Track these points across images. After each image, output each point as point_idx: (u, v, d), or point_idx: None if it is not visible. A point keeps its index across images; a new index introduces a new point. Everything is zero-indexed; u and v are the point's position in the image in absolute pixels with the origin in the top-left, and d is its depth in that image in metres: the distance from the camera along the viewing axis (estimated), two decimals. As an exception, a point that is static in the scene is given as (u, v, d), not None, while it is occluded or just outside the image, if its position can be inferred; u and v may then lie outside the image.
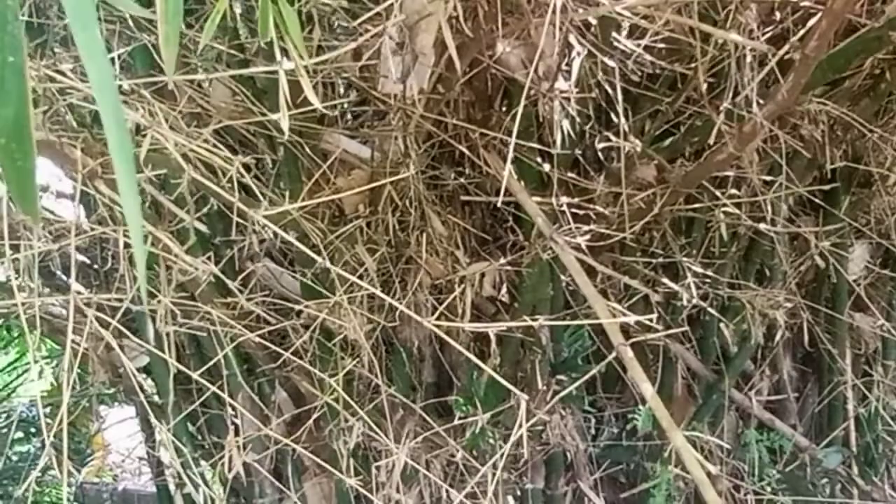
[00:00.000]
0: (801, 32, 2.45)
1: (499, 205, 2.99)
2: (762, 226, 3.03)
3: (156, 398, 3.13)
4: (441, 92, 2.61)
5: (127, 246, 2.41)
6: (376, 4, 2.20)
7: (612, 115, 2.73)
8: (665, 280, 3.06)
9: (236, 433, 2.94)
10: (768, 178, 2.97)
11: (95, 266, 3.27)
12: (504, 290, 3.11)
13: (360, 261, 2.82)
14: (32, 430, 4.92)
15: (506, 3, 2.33)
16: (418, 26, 2.38)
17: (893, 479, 3.69)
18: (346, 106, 3.01)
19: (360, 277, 2.80)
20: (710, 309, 3.18)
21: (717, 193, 2.95)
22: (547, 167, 2.79)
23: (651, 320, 2.21)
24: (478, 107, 2.85)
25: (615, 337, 2.23)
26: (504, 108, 2.87)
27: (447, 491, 2.94)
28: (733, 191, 2.98)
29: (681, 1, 2.31)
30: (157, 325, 2.69)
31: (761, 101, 2.39)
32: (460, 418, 2.99)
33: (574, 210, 2.76)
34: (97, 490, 5.54)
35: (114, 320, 2.34)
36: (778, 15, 2.63)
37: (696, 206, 3.03)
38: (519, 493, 3.22)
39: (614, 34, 2.60)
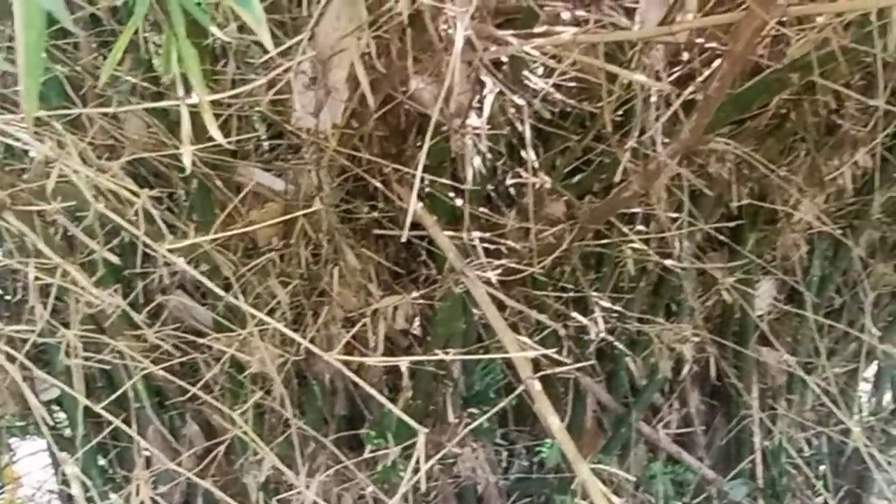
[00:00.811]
0: (707, 74, 2.51)
1: (412, 239, 3.02)
2: (669, 262, 3.09)
3: (68, 431, 3.10)
4: (355, 126, 2.63)
5: (37, 278, 2.40)
6: (290, 38, 2.23)
7: (523, 152, 2.77)
8: (575, 314, 3.10)
9: (147, 466, 2.92)
10: (676, 214, 3.03)
11: (7, 297, 3.23)
12: (417, 323, 3.13)
13: (273, 293, 2.82)
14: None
15: (418, 40, 2.36)
16: (331, 61, 2.40)
17: (798, 512, 3.77)
18: (260, 139, 3.01)
19: (273, 310, 2.80)
20: (618, 343, 3.23)
21: (625, 230, 3.00)
22: (459, 202, 2.82)
23: (560, 354, 2.25)
24: (392, 141, 2.88)
25: (524, 370, 2.26)
26: (418, 144, 2.90)
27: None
28: (642, 227, 3.03)
29: (588, 41, 2.36)
30: (65, 357, 2.67)
31: (666, 140, 2.44)
32: (372, 451, 3.00)
33: (485, 244, 2.79)
34: (6, 524, 5.43)
35: (21, 353, 2.32)
36: (685, 56, 2.69)
37: (606, 241, 3.07)
38: (431, 526, 3.23)
39: (525, 73, 2.65)
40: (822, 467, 3.91)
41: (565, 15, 2.53)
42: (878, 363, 4.10)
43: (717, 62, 2.31)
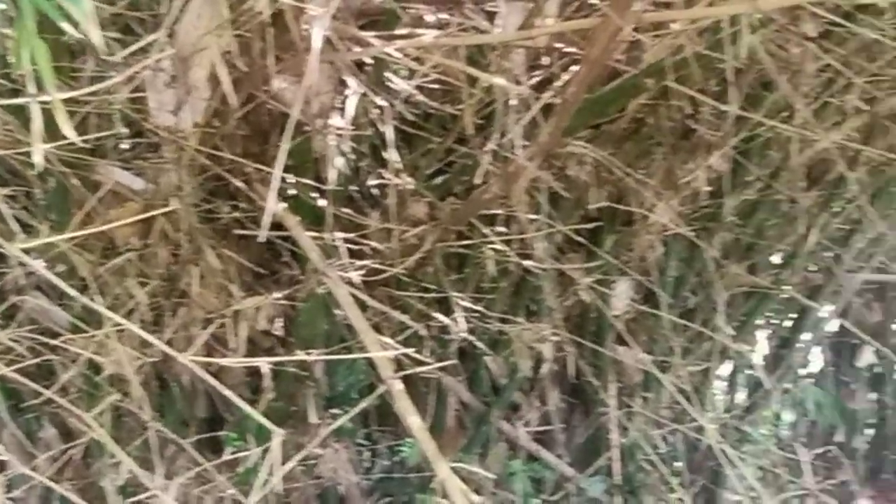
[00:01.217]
0: (565, 78, 2.56)
1: (274, 239, 3.00)
2: (530, 263, 3.13)
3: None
4: (216, 125, 2.61)
5: None
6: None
7: (386, 153, 2.78)
8: (437, 314, 3.13)
9: (1, 470, 2.85)
10: (536, 216, 3.07)
11: None
12: (280, 324, 3.12)
13: (132, 294, 2.78)
14: None
15: (280, 39, 2.36)
16: (192, 59, 2.39)
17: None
18: (119, 137, 2.97)
19: (132, 311, 2.77)
20: (480, 343, 3.26)
21: (486, 231, 3.04)
22: (322, 202, 2.82)
23: (423, 354, 2.26)
24: (254, 141, 2.86)
25: (385, 370, 2.27)
26: (280, 143, 2.88)
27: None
28: (503, 228, 3.07)
29: (450, 44, 2.38)
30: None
31: (526, 143, 2.48)
32: (233, 453, 2.98)
33: (348, 245, 2.79)
34: None
35: None
36: (545, 60, 2.74)
37: (467, 242, 3.10)
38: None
39: (388, 74, 2.67)
40: (677, 463, 4.00)
41: (428, 17, 2.56)
42: (732, 362, 4.22)
43: (575, 67, 2.36)
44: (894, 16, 2.82)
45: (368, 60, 2.61)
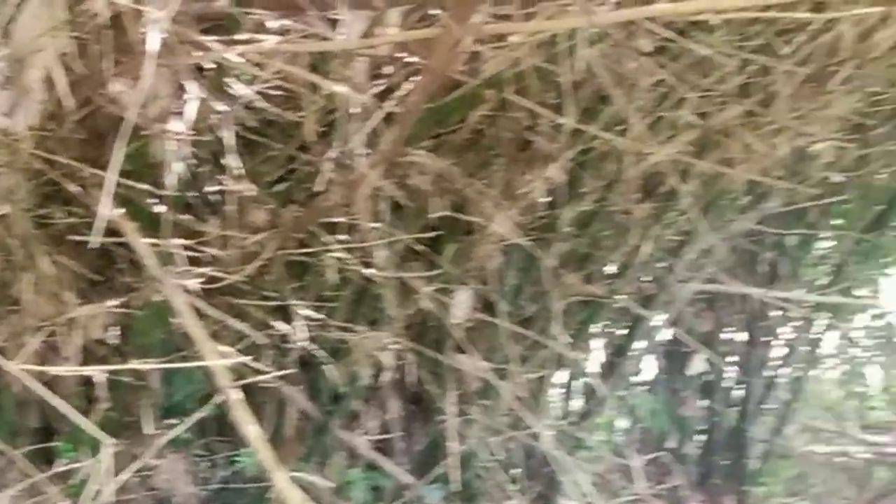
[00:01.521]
0: (407, 87, 2.58)
1: (111, 246, 2.94)
2: (371, 271, 3.14)
3: None
4: (51, 128, 2.55)
5: None
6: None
7: (226, 159, 2.76)
8: (277, 323, 3.11)
9: None
10: (378, 225, 3.08)
11: None
12: (116, 332, 3.06)
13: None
14: None
15: (119, 42, 2.32)
16: (27, 60, 2.33)
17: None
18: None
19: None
20: (320, 351, 3.25)
21: (328, 239, 3.03)
22: (160, 208, 2.77)
23: (260, 362, 2.25)
24: (91, 145, 2.80)
25: (223, 380, 2.25)
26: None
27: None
28: (345, 237, 3.07)
29: (292, 50, 2.38)
30: None
31: (368, 152, 2.50)
32: (65, 465, 2.91)
33: (187, 252, 2.76)
34: None
35: None
36: (388, 69, 2.76)
37: (309, 250, 3.09)
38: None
39: (229, 79, 2.64)
40: (514, 470, 4.06)
41: (270, 23, 2.55)
42: (568, 370, 4.30)
43: (417, 77, 2.39)
44: (726, 33, 2.93)
45: (209, 65, 2.58)
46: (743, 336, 5.15)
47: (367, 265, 3.14)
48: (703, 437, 5.19)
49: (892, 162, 4.91)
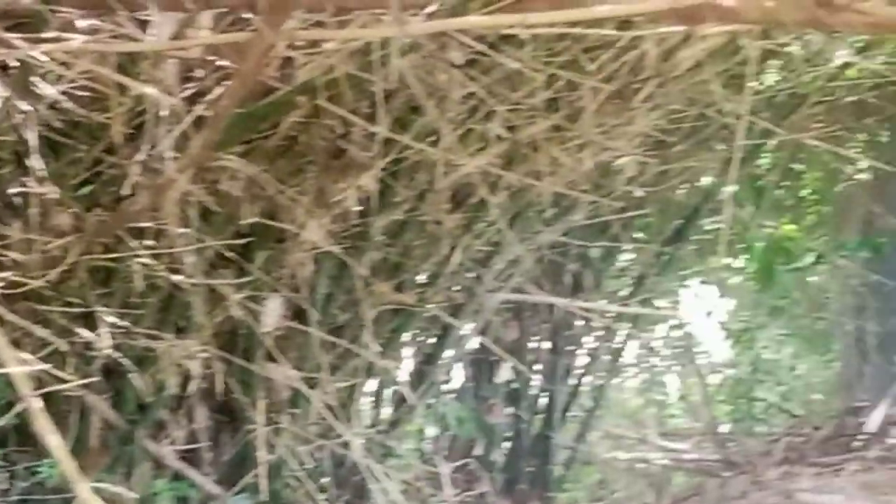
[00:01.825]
0: (218, 92, 2.56)
1: None
2: (179, 278, 3.09)
3: None
4: None
5: None
6: None
7: (29, 161, 2.68)
8: (81, 330, 3.03)
9: None
10: (187, 230, 3.04)
11: None
12: None
13: None
14: None
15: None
16: None
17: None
18: None
19: None
20: (126, 359, 3.18)
21: (135, 244, 2.97)
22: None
23: (64, 370, 2.19)
24: None
25: (24, 388, 2.18)
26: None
27: None
28: (152, 242, 3.02)
29: (100, 50, 2.33)
30: None
31: (177, 155, 2.46)
32: None
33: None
34: None
35: None
36: (199, 72, 2.73)
37: (115, 255, 3.03)
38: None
39: (35, 78, 2.57)
40: (324, 479, 4.05)
41: (79, 22, 2.49)
42: (378, 378, 4.31)
43: (228, 81, 2.37)
44: (535, 48, 3.00)
45: (13, 63, 2.50)
46: (548, 345, 5.27)
47: (175, 271, 3.09)
48: (510, 445, 5.28)
49: (690, 178, 5.15)
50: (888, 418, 6.04)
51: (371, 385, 4.32)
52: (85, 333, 3.04)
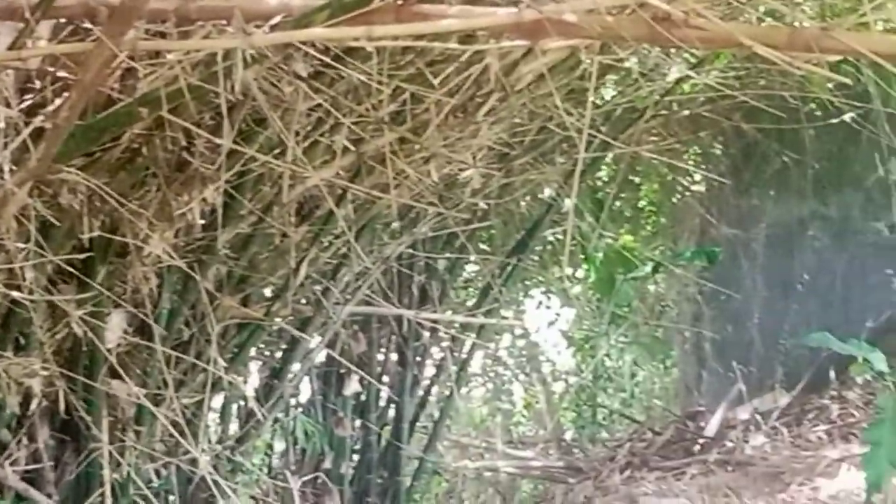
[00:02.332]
0: (58, 103, 2.51)
1: None
2: (18, 294, 3.01)
3: None
4: None
5: None
6: None
7: None
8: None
9: None
10: (26, 245, 2.96)
11: None
12: None
13: None
14: None
15: None
16: None
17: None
18: None
19: None
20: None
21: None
22: None
23: None
24: None
25: None
26: None
27: None
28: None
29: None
30: None
31: (15, 168, 2.41)
32: None
33: None
34: None
35: None
36: (37, 84, 2.68)
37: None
38: None
39: None
40: (171, 497, 3.99)
41: None
42: (225, 393, 4.28)
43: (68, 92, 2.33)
44: (380, 61, 3.03)
45: None
46: (395, 357, 5.31)
47: (14, 287, 3.02)
48: (359, 457, 5.29)
49: (532, 190, 5.26)
50: (726, 422, 6.26)
51: (218, 400, 4.28)
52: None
